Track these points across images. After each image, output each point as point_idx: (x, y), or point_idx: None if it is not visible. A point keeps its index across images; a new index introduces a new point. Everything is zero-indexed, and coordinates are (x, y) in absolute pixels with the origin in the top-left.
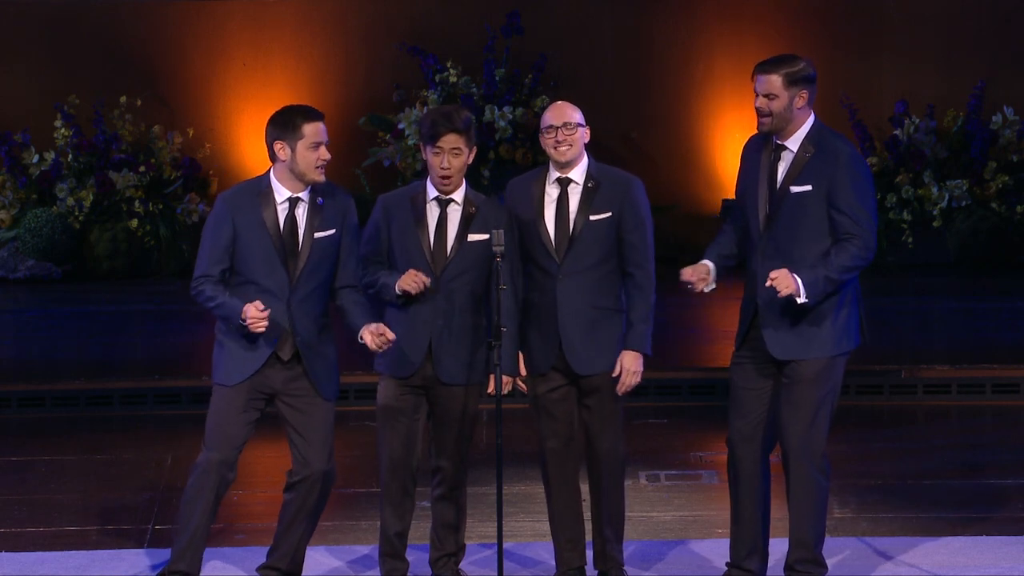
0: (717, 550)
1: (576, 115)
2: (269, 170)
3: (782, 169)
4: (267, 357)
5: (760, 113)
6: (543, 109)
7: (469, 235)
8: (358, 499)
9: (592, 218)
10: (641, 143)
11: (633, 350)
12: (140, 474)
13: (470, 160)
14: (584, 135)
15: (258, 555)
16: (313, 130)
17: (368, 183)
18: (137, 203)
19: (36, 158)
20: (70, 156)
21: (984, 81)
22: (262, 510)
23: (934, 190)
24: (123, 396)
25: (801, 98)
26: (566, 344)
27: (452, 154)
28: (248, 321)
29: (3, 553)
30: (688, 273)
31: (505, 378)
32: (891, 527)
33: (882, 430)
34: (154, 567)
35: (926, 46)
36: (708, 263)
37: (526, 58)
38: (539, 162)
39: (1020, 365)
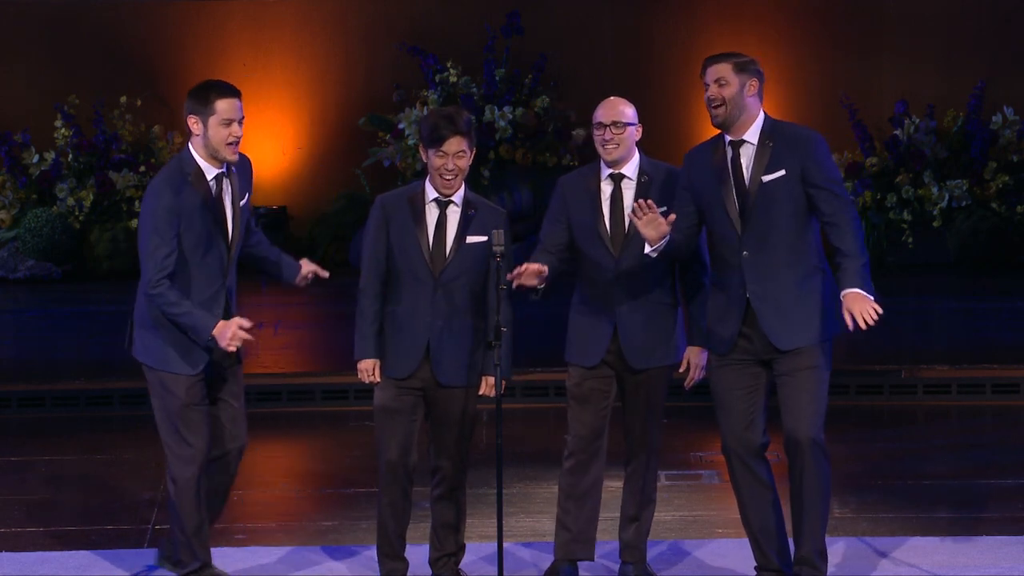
0: (718, 550)
1: (628, 112)
2: (187, 149)
3: (746, 163)
4: None
5: (712, 103)
6: (543, 109)
7: (468, 237)
8: (358, 499)
9: None
10: (641, 143)
11: (699, 346)
12: (140, 474)
13: (471, 160)
14: (635, 133)
15: (258, 555)
16: (226, 106)
17: (368, 183)
18: (137, 203)
19: (36, 158)
20: (70, 156)
21: (984, 81)
22: (262, 510)
23: (934, 190)
24: (123, 396)
25: (751, 86)
26: (624, 339)
27: (456, 157)
28: (227, 341)
29: (3, 553)
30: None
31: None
32: (891, 527)
33: (882, 430)
34: (153, 567)
35: (926, 46)
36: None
37: (526, 58)
38: (538, 162)
39: (1020, 365)
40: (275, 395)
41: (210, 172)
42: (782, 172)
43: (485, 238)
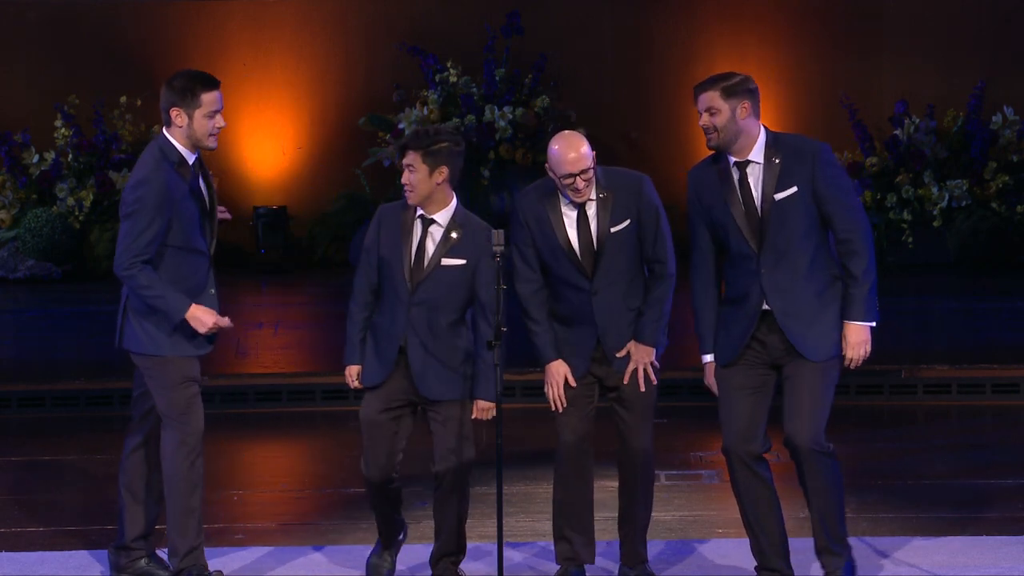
0: (718, 550)
1: (589, 151)
2: (165, 138)
3: (754, 183)
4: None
5: (706, 130)
6: (543, 109)
7: (444, 259)
8: (358, 499)
9: (613, 230)
10: (641, 143)
11: (645, 343)
12: None
13: (439, 180)
14: (594, 165)
15: (258, 555)
16: (211, 99)
17: (368, 183)
18: None
19: (36, 158)
20: (70, 156)
21: (984, 81)
22: (262, 510)
23: (934, 190)
24: (123, 396)
25: (744, 109)
26: (609, 352)
27: (409, 170)
28: (204, 329)
29: (3, 553)
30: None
31: (487, 404)
32: (891, 527)
33: (882, 430)
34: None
35: (926, 46)
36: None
37: (526, 58)
38: (538, 163)
39: (1020, 365)
40: (275, 395)
41: (190, 158)
42: (794, 189)
43: (463, 262)
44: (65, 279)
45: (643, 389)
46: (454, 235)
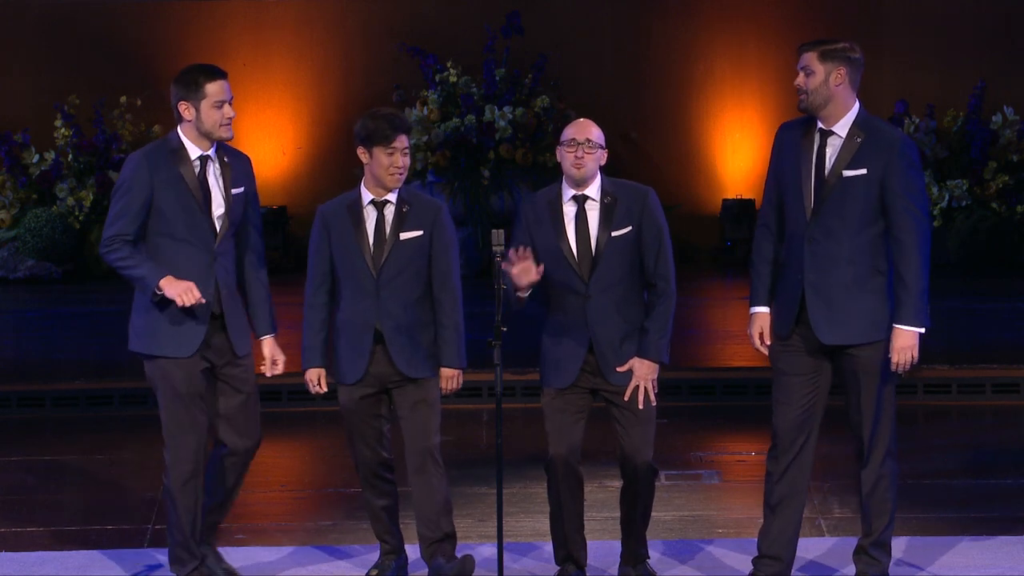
0: (718, 550)
1: (599, 134)
2: (176, 130)
3: (830, 154)
4: (209, 315)
5: (798, 90)
6: (543, 109)
7: (401, 234)
8: (358, 499)
9: (614, 234)
10: (641, 143)
11: (649, 359)
12: (140, 474)
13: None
14: (601, 157)
15: (258, 555)
16: (216, 89)
17: None
18: None
19: (36, 158)
20: (70, 156)
21: (984, 81)
22: (262, 510)
23: (934, 190)
24: (123, 396)
25: (839, 75)
26: (601, 360)
27: (403, 153)
28: (176, 294)
29: (3, 553)
30: (763, 341)
31: (451, 372)
32: None
33: None
34: (153, 567)
35: (926, 46)
36: (766, 313)
37: (526, 58)
38: (538, 163)
39: (1020, 365)
40: (275, 395)
41: (194, 152)
42: (863, 171)
43: (420, 232)
44: (65, 279)
45: (642, 407)
46: (405, 209)
